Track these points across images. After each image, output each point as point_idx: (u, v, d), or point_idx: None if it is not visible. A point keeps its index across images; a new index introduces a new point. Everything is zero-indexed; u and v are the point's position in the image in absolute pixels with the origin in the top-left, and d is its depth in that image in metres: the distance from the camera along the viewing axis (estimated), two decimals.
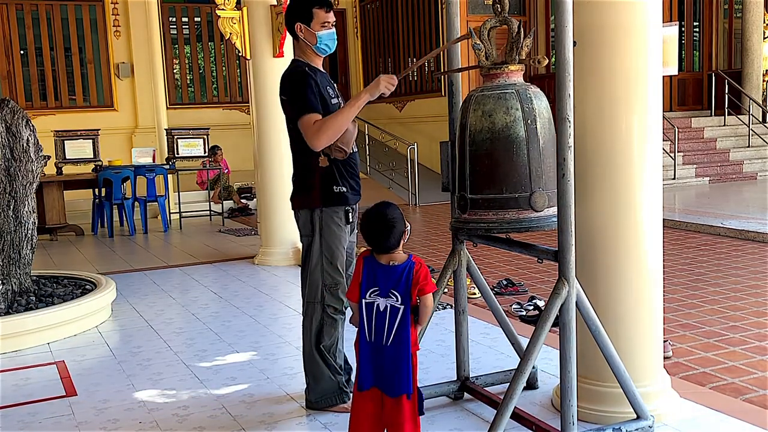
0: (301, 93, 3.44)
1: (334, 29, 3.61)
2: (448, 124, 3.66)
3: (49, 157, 5.56)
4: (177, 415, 3.71)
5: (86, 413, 3.77)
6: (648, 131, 3.36)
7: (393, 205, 2.97)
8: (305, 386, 3.75)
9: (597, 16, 3.29)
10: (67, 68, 14.97)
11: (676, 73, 12.71)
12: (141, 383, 4.19)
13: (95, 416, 3.72)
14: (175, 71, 15.81)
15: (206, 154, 11.19)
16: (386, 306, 2.89)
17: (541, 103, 3.16)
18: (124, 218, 10.38)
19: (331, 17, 3.59)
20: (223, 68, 16.30)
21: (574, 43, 2.93)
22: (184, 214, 10.84)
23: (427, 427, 3.50)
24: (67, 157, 10.33)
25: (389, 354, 2.90)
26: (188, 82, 16.23)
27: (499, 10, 3.22)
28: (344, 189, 3.55)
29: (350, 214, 3.60)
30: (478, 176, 3.20)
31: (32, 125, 5.24)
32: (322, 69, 3.64)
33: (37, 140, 5.25)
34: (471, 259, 3.71)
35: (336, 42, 3.65)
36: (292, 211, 3.69)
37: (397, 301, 2.87)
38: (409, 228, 2.96)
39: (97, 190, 10.29)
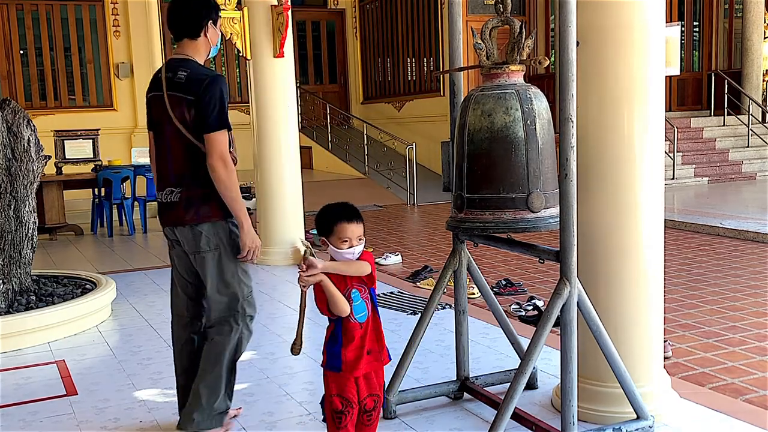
0: (225, 105, 3.24)
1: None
2: (450, 124, 3.66)
3: (49, 157, 5.57)
4: (177, 414, 3.69)
5: (87, 412, 3.78)
6: (650, 132, 3.36)
7: (327, 211, 2.82)
8: (181, 409, 3.46)
9: (599, 17, 3.29)
10: (66, 68, 14.98)
11: (678, 73, 12.70)
12: (141, 382, 4.19)
13: (96, 415, 3.73)
14: None
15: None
16: None
17: (540, 104, 3.16)
18: (124, 218, 10.37)
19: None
20: (222, 68, 16.30)
21: (577, 44, 2.93)
22: None
23: (427, 427, 3.52)
24: (66, 157, 10.33)
25: None
26: None
27: (501, 10, 3.23)
28: None
29: None
30: (476, 176, 3.20)
31: (33, 125, 5.24)
32: None
33: (38, 140, 5.26)
34: (472, 259, 3.71)
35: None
36: (183, 227, 3.31)
37: None
38: (330, 246, 2.80)
39: (96, 189, 10.29)
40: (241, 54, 7.44)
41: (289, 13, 7.06)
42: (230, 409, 3.49)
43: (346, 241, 2.73)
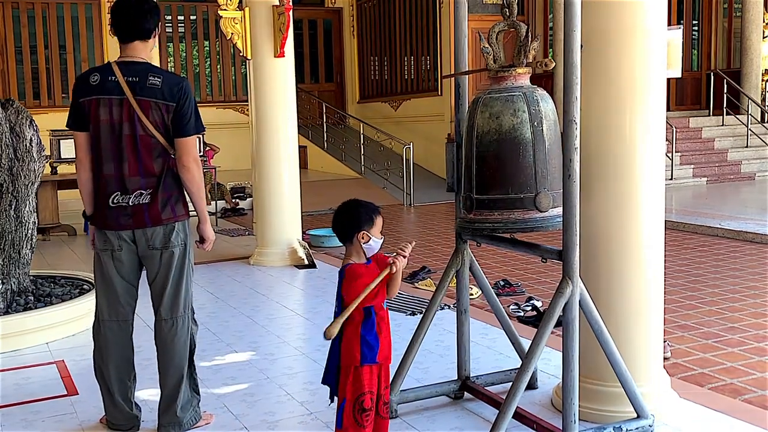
0: (197, 110, 3.38)
1: None
2: (455, 125, 3.69)
3: (49, 157, 5.56)
4: None
5: (88, 412, 3.78)
6: (651, 133, 3.41)
7: (366, 204, 2.96)
8: (168, 409, 3.48)
9: (602, 21, 3.34)
10: (61, 66, 14.93)
11: (679, 76, 12.71)
12: (141, 382, 4.15)
13: (97, 415, 3.71)
14: (169, 70, 15.77)
15: (202, 153, 11.12)
16: (335, 308, 2.96)
17: (547, 106, 3.21)
18: None
19: None
20: (218, 67, 16.28)
21: (581, 47, 2.96)
22: None
23: (427, 427, 3.52)
24: (62, 157, 10.25)
25: (332, 356, 2.94)
26: None
27: (508, 14, 3.29)
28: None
29: None
30: (485, 177, 3.25)
31: (35, 125, 5.22)
32: None
33: (40, 140, 5.24)
34: (474, 259, 3.72)
35: None
36: (155, 227, 3.37)
37: (337, 305, 2.93)
38: (372, 237, 2.90)
39: None
40: (241, 53, 7.43)
41: (290, 13, 7.06)
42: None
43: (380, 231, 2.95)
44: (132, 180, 3.31)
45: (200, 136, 6.36)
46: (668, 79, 14.61)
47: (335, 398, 2.95)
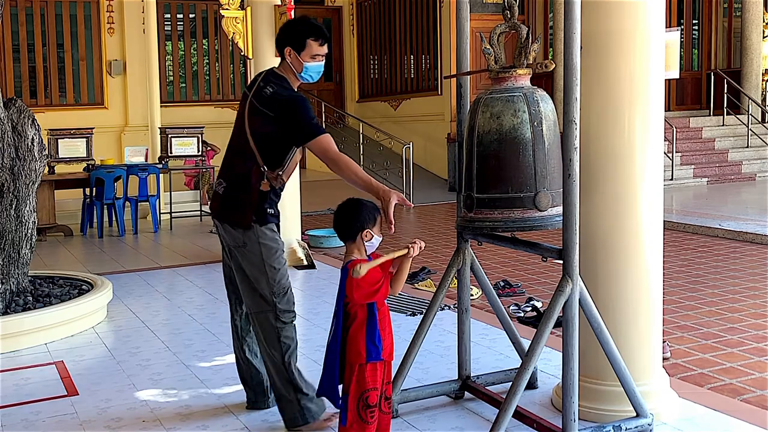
0: (311, 115, 3.43)
1: (323, 62, 3.55)
2: (456, 125, 3.71)
3: (49, 157, 5.56)
4: (180, 413, 3.73)
5: (89, 412, 3.77)
6: (649, 134, 3.43)
7: (367, 203, 3.02)
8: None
9: (602, 22, 3.37)
10: (58, 65, 14.90)
11: (678, 76, 12.72)
12: (142, 383, 4.19)
13: (98, 415, 3.72)
14: (167, 68, 15.76)
15: (200, 153, 11.08)
16: (335, 307, 2.99)
17: (547, 106, 3.25)
18: (114, 218, 10.26)
19: (324, 50, 3.53)
20: (216, 66, 16.26)
21: (581, 48, 2.98)
22: (174, 215, 10.75)
23: (428, 426, 3.53)
24: (60, 156, 10.24)
25: (331, 355, 2.96)
26: (180, 79, 16.18)
27: (509, 16, 3.31)
28: (272, 211, 3.53)
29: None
30: (485, 176, 3.28)
31: (37, 124, 5.22)
32: None
33: (41, 139, 5.24)
34: (475, 258, 3.73)
35: (321, 74, 3.61)
36: (222, 222, 3.53)
37: (337, 303, 2.96)
38: (375, 236, 2.97)
39: (87, 189, 10.19)
40: (242, 53, 7.43)
41: (293, 12, 7.06)
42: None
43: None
44: None
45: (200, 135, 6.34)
46: (668, 80, 14.68)
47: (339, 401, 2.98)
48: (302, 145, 3.45)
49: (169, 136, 10.80)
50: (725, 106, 14.50)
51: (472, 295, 5.64)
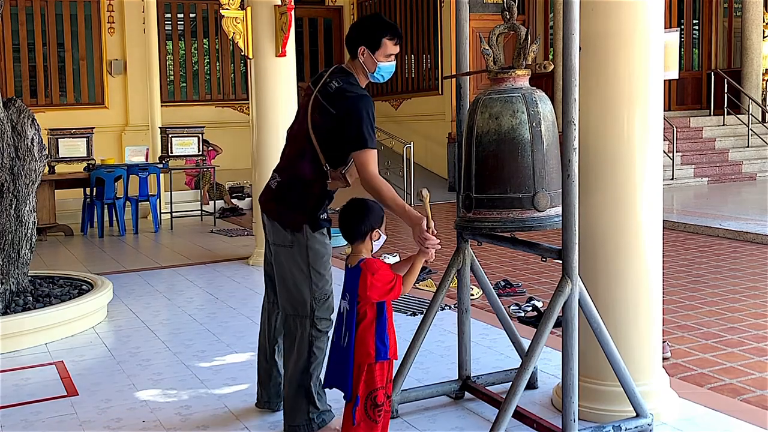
0: (372, 124, 3.30)
1: (395, 61, 3.47)
2: (456, 126, 3.71)
3: (49, 156, 5.56)
4: (180, 414, 3.73)
5: (89, 412, 3.77)
6: (649, 134, 3.43)
7: (373, 204, 3.06)
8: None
9: (601, 23, 3.37)
10: (59, 64, 14.89)
11: (677, 77, 12.71)
12: (142, 383, 4.19)
13: (98, 415, 3.72)
14: (168, 68, 15.75)
15: (201, 153, 11.08)
16: (343, 307, 3.00)
17: (545, 107, 3.25)
18: (114, 218, 10.26)
19: (397, 49, 3.44)
20: (217, 65, 16.25)
21: (579, 49, 2.99)
22: (174, 214, 10.75)
23: (428, 426, 3.53)
24: (60, 156, 10.24)
25: (342, 354, 2.97)
26: (181, 79, 16.17)
27: (508, 17, 3.31)
28: (325, 216, 3.46)
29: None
30: (484, 176, 3.29)
31: (37, 124, 5.22)
32: None
33: (41, 139, 5.24)
34: (475, 258, 3.73)
35: (392, 74, 3.53)
36: (271, 219, 3.44)
37: (348, 303, 2.96)
38: (382, 235, 3.04)
39: (88, 189, 10.19)
40: (243, 53, 7.43)
41: (292, 12, 7.06)
42: None
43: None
44: None
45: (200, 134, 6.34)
46: (668, 80, 14.69)
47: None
48: (349, 151, 3.32)
49: (170, 135, 10.80)
50: (725, 105, 14.49)
51: (472, 295, 5.64)
